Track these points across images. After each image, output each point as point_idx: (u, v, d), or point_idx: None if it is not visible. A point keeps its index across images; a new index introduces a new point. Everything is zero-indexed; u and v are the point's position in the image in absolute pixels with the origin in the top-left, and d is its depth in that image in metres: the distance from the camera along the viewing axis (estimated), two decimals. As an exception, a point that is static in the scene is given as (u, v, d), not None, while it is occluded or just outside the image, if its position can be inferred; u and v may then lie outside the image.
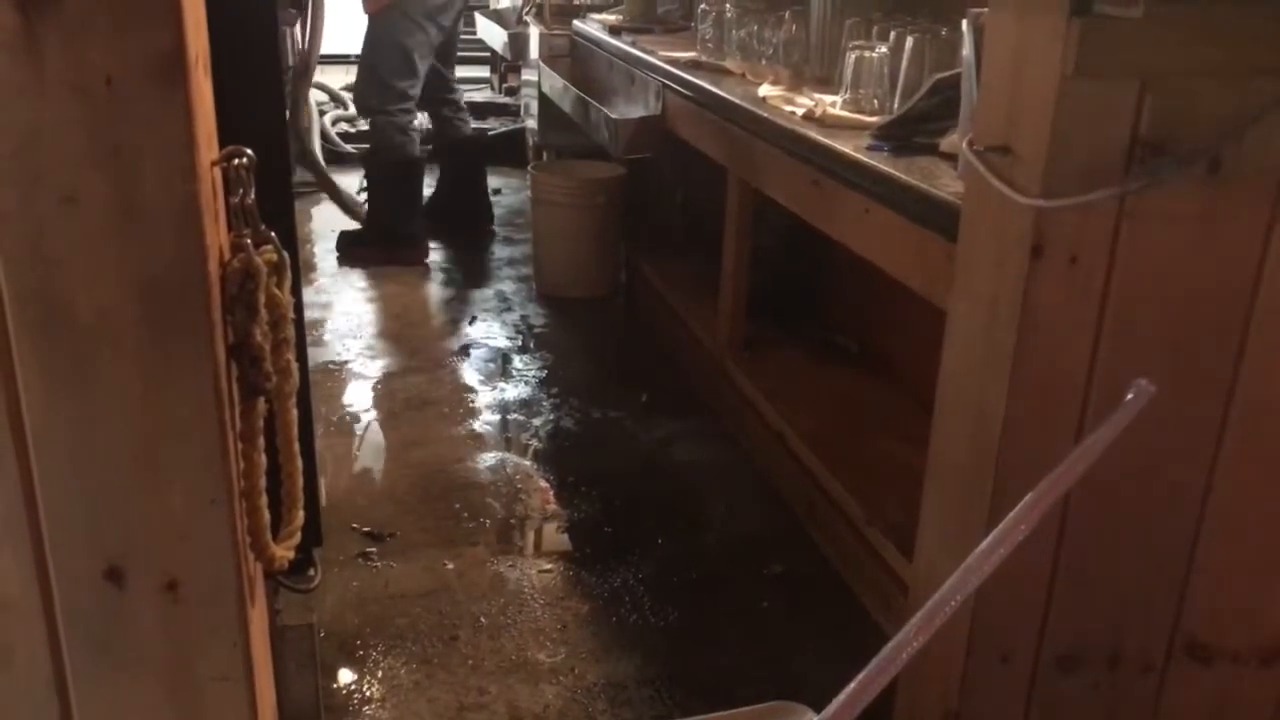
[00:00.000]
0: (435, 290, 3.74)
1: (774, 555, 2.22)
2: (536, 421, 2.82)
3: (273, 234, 0.96)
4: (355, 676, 1.87)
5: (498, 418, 2.83)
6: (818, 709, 1.22)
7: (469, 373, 3.08)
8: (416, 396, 2.95)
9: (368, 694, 1.82)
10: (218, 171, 0.93)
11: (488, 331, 3.36)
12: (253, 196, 0.94)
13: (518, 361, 3.17)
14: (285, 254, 0.97)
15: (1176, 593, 1.40)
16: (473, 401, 2.91)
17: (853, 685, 1.15)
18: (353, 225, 4.14)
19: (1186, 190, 1.20)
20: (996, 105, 1.26)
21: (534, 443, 2.72)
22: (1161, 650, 1.43)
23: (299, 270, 1.44)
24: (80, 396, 0.88)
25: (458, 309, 3.56)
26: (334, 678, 1.86)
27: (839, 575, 2.10)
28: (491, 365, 3.14)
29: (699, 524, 2.36)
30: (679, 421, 2.79)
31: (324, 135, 5.05)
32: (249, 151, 0.93)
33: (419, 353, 3.19)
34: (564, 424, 2.82)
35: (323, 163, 4.78)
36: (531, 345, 3.27)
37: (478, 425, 2.79)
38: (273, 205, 1.00)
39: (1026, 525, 1.15)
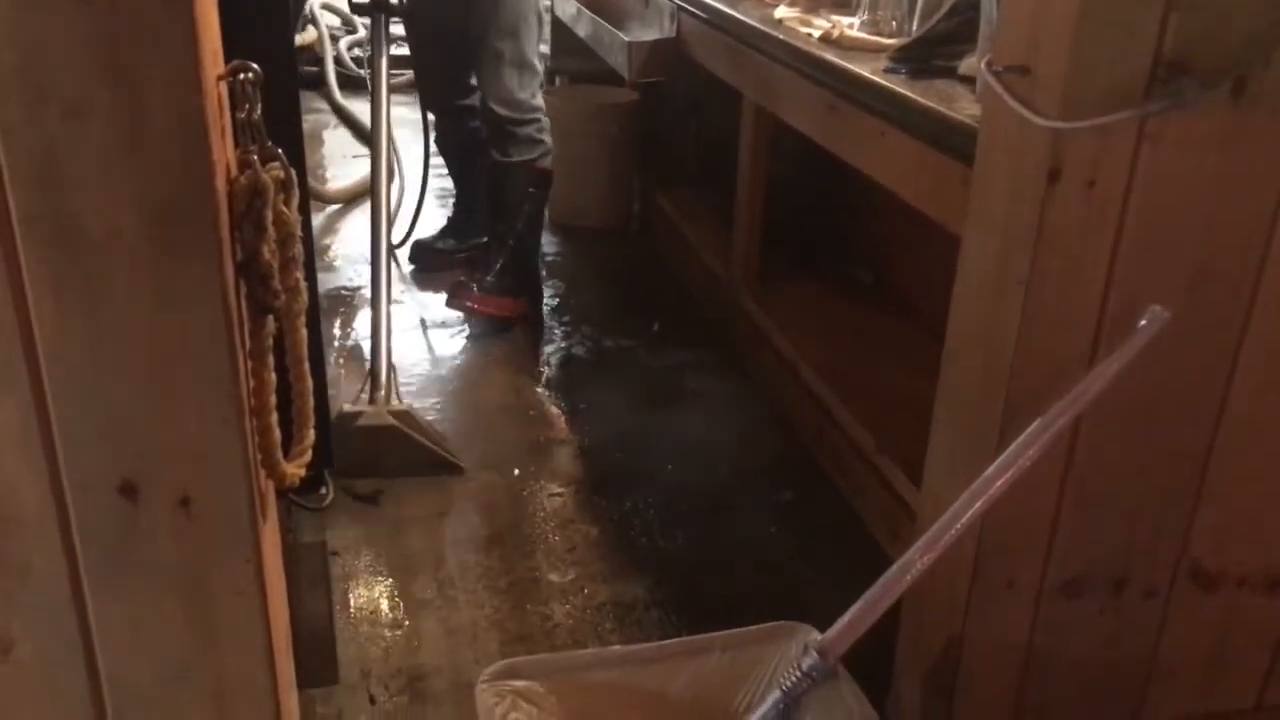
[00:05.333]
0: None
1: (783, 483, 2.24)
2: (549, 349, 2.83)
3: (280, 151, 0.96)
4: (368, 594, 1.90)
5: (510, 345, 2.83)
6: (823, 631, 1.24)
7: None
8: (429, 323, 2.95)
9: (380, 612, 1.86)
10: (223, 87, 0.92)
11: (500, 259, 3.35)
12: (259, 112, 0.93)
13: (530, 289, 3.16)
14: (292, 171, 0.97)
15: (1184, 519, 1.40)
16: (485, 328, 2.91)
17: (858, 605, 1.17)
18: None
19: (1209, 113, 1.17)
20: (1017, 24, 1.23)
21: (546, 370, 2.73)
22: (1167, 576, 1.43)
23: (307, 187, 1.44)
24: (91, 313, 0.88)
25: (470, 237, 3.54)
26: (347, 595, 1.89)
27: (848, 503, 2.11)
28: (504, 293, 3.13)
29: (709, 451, 2.37)
30: (691, 351, 2.79)
31: (339, 60, 4.99)
32: (255, 66, 0.92)
33: (431, 279, 3.19)
34: (576, 352, 2.82)
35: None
36: (544, 274, 3.25)
37: (490, 352, 2.79)
38: (279, 122, 0.99)
39: (1036, 450, 1.15)
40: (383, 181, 2.67)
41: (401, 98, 4.10)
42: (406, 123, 4.28)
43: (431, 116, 3.19)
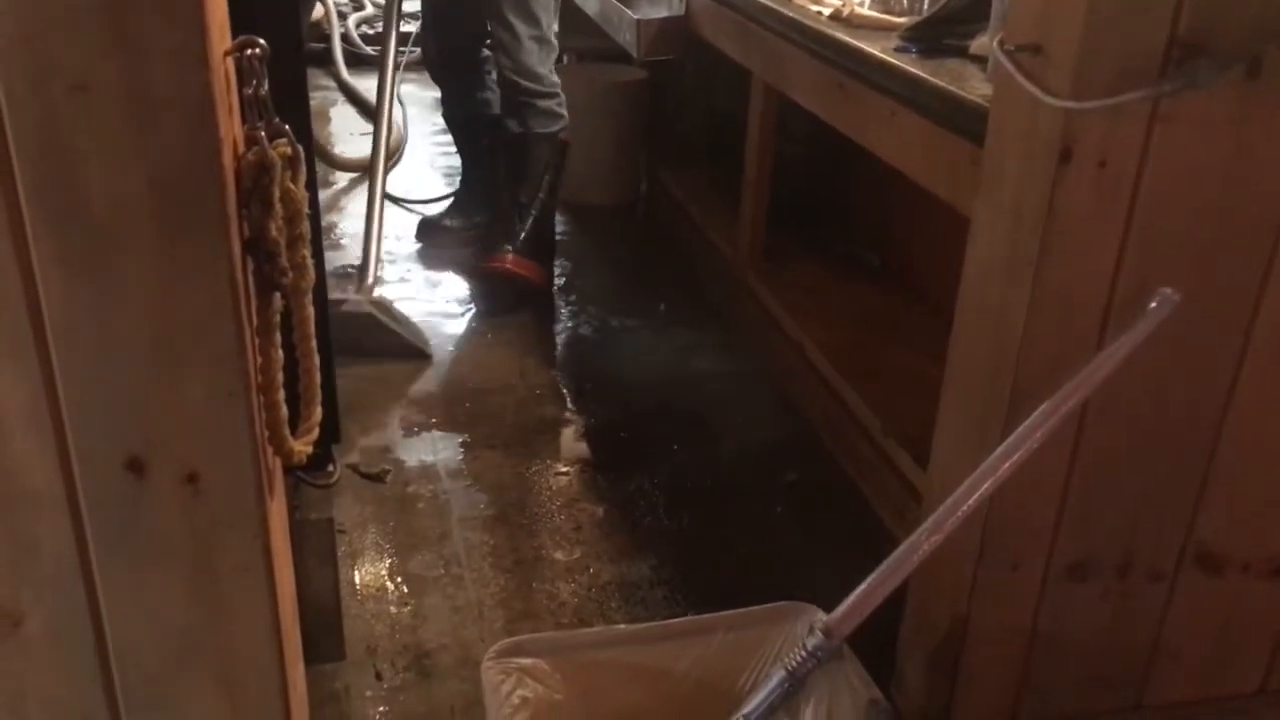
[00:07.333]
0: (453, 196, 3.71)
1: (789, 464, 2.24)
2: (555, 328, 2.82)
3: (287, 127, 0.95)
4: (374, 571, 1.91)
5: (515, 324, 2.82)
6: (829, 611, 1.24)
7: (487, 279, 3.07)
8: (435, 301, 2.95)
9: (386, 589, 1.86)
10: (230, 62, 0.91)
11: (507, 238, 3.34)
12: (266, 88, 0.93)
13: (536, 268, 3.15)
14: (299, 148, 0.96)
15: (1190, 503, 1.40)
16: (494, 307, 2.90)
17: (863, 586, 1.17)
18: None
19: (1223, 94, 1.16)
20: (1030, 2, 1.21)
21: (552, 350, 2.73)
22: (1172, 560, 1.43)
23: (314, 165, 1.43)
24: (98, 288, 0.88)
25: (476, 215, 3.53)
26: (352, 572, 1.90)
27: (854, 484, 2.11)
28: (510, 272, 3.13)
29: (715, 432, 2.38)
30: (697, 331, 2.79)
31: (346, 38, 4.96)
32: (262, 41, 0.91)
33: (437, 258, 3.18)
34: (582, 331, 2.82)
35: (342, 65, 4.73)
36: (550, 252, 3.25)
37: (496, 331, 2.79)
38: (286, 98, 0.99)
39: (1043, 433, 1.15)
40: (388, 83, 2.88)
41: (411, 75, 4.09)
42: (413, 99, 4.28)
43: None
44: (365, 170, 3.74)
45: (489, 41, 2.90)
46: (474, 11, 2.82)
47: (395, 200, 3.49)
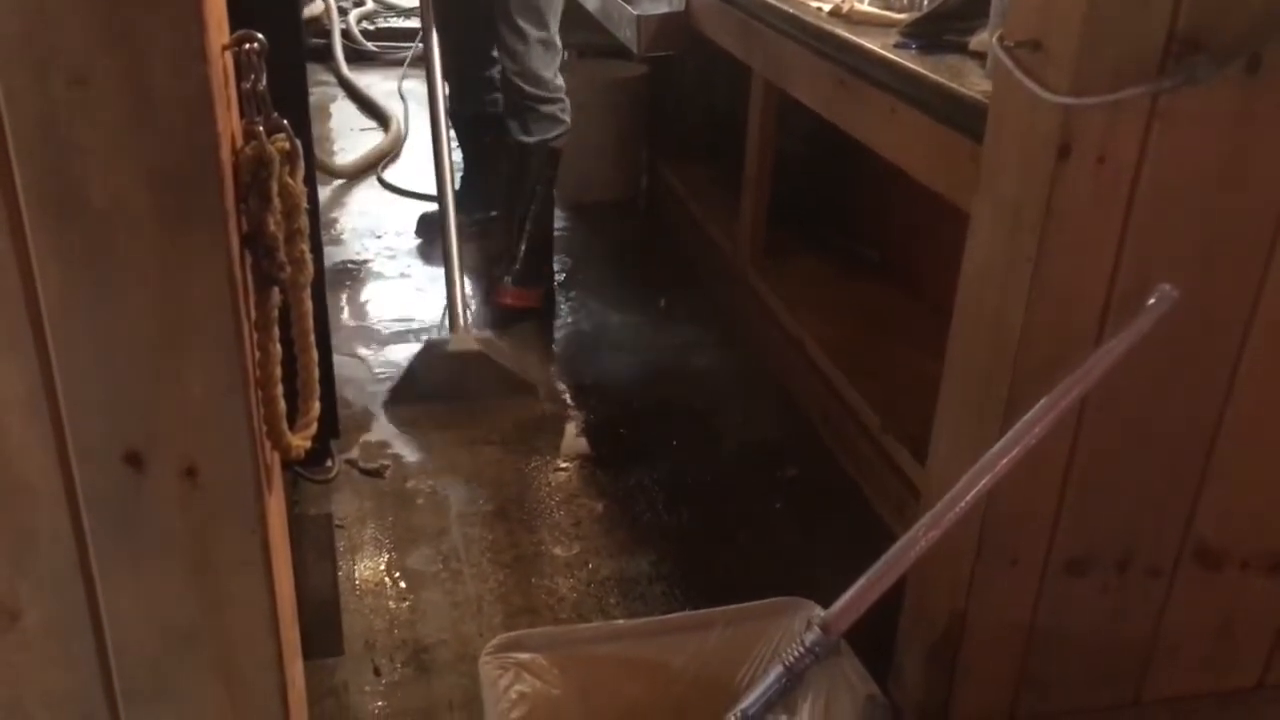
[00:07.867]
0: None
1: (788, 460, 2.24)
2: (554, 324, 2.82)
3: (285, 122, 0.95)
4: (373, 566, 1.91)
5: (515, 320, 2.82)
6: (827, 607, 1.25)
7: (489, 275, 3.07)
8: (436, 296, 2.95)
9: (385, 584, 1.86)
10: (228, 56, 0.91)
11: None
12: (264, 83, 0.93)
13: (536, 264, 3.15)
14: (298, 142, 0.96)
15: (1189, 499, 1.40)
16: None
17: (862, 581, 1.17)
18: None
19: (1222, 90, 1.16)
20: (1029, -2, 1.22)
21: (551, 345, 2.73)
22: (1171, 555, 1.43)
23: (313, 159, 1.43)
24: (96, 283, 0.88)
25: (477, 211, 3.53)
26: (351, 567, 1.90)
27: (853, 481, 2.11)
28: (510, 268, 3.12)
29: (714, 428, 2.38)
30: (697, 327, 2.79)
31: (347, 34, 4.96)
32: (260, 36, 0.91)
33: (437, 254, 3.18)
34: (582, 327, 2.82)
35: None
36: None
37: (496, 327, 2.79)
38: (285, 93, 0.99)
39: (1041, 428, 1.15)
40: (442, 125, 2.80)
41: (414, 71, 4.09)
42: (415, 96, 4.27)
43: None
44: (358, 175, 3.75)
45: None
46: (484, 11, 2.81)
47: (397, 189, 3.50)
